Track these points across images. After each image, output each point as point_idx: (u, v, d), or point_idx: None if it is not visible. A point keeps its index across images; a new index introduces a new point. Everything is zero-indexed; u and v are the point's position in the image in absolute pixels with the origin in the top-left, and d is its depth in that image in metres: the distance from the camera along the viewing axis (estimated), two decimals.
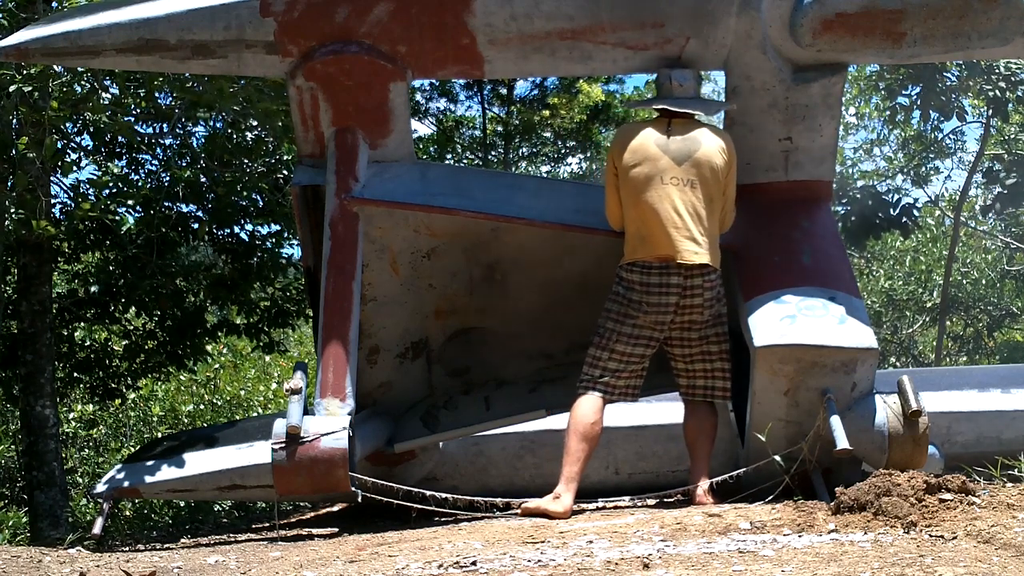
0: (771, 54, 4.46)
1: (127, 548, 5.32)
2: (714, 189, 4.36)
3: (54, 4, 6.15)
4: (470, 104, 13.16)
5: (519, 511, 4.20)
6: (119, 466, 5.51)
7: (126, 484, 5.30)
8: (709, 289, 4.33)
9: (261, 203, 7.49)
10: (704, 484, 4.33)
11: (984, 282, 15.53)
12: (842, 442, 4.05)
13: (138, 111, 6.83)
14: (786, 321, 4.31)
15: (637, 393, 4.47)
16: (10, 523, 7.09)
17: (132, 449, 9.35)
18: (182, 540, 5.75)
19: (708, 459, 4.43)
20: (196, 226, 7.40)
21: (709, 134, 4.41)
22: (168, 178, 7.17)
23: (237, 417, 10.12)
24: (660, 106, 4.48)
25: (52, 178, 6.86)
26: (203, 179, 7.24)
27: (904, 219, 11.35)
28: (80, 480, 9.49)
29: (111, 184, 6.85)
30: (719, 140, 4.41)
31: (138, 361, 7.86)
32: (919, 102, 10.06)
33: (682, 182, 4.31)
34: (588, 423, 4.31)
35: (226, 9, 4.39)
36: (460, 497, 4.45)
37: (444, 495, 4.45)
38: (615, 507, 4.52)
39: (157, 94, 6.64)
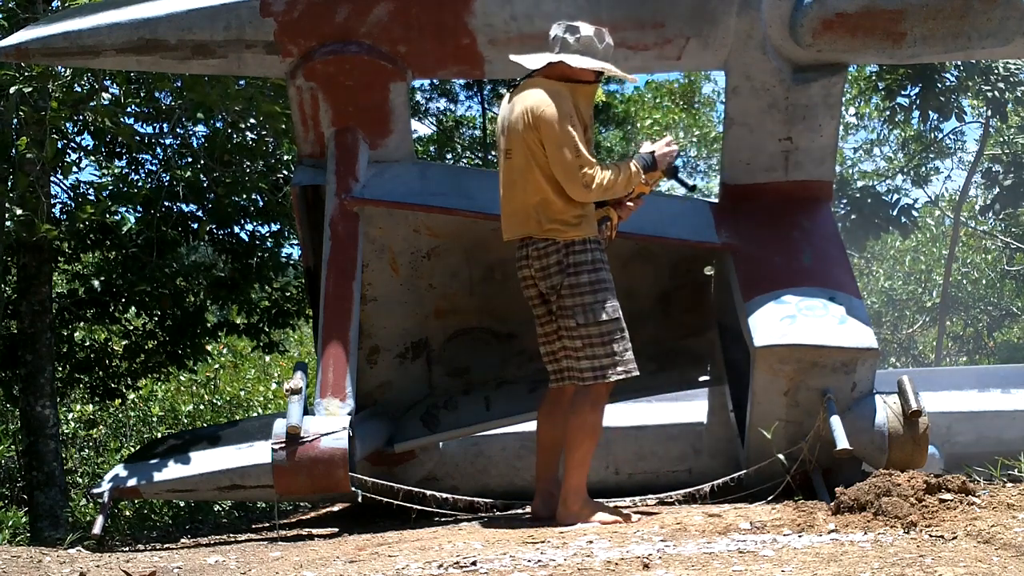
0: (771, 54, 4.46)
1: (127, 548, 5.32)
2: (521, 157, 3.99)
3: (54, 4, 6.15)
4: (470, 104, 13.14)
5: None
6: (119, 466, 5.50)
7: (126, 484, 5.29)
8: (538, 259, 4.01)
9: (261, 203, 7.49)
10: (571, 493, 3.99)
11: (984, 282, 15.55)
12: (842, 442, 4.05)
13: (138, 111, 6.83)
14: (786, 321, 4.31)
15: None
16: (10, 523, 7.06)
17: (132, 449, 9.34)
18: (182, 540, 5.74)
19: (578, 465, 3.99)
20: (196, 226, 7.40)
21: (525, 97, 3.99)
22: (168, 178, 7.17)
23: (237, 417, 10.10)
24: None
25: (52, 178, 6.87)
26: (203, 179, 7.24)
27: (904, 219, 11.38)
28: (80, 480, 9.46)
29: (111, 185, 6.83)
30: (527, 103, 3.96)
31: (138, 361, 7.85)
32: (918, 102, 10.07)
33: (504, 154, 4.08)
34: (539, 414, 4.25)
35: (226, 9, 4.40)
36: (460, 498, 4.45)
37: (444, 495, 4.45)
38: (615, 507, 4.51)
39: (157, 93, 6.63)
